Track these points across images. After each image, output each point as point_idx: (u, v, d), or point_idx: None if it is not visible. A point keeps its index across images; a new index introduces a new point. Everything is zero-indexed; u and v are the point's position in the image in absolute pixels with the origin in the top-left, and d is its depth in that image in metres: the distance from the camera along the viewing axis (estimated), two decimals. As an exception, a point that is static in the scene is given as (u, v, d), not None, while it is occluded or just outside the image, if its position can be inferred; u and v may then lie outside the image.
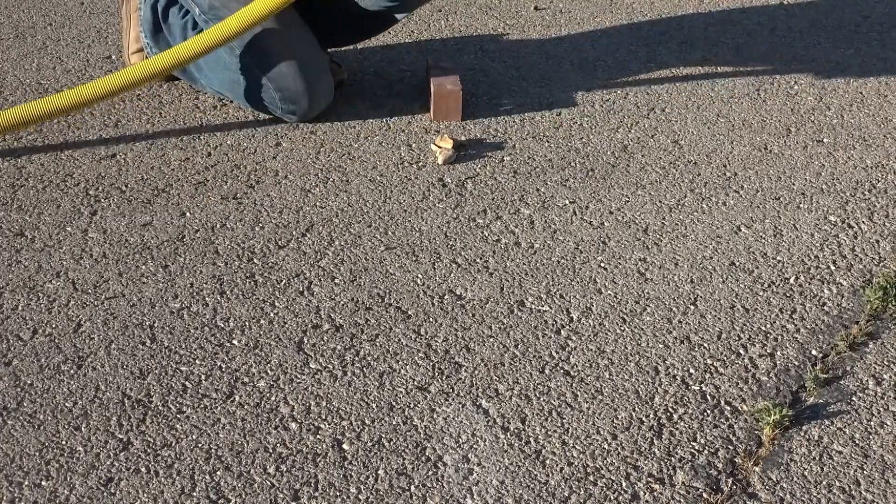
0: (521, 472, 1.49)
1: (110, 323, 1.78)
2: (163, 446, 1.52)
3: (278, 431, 1.55)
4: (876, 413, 1.62)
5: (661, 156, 2.37)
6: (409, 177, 2.26)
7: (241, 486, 1.46)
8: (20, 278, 1.89)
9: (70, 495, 1.43)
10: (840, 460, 1.53)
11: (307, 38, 2.44)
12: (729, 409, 1.62)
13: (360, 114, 2.52)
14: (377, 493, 1.45)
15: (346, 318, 1.80)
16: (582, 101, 2.62)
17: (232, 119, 2.48)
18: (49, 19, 3.07)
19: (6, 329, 1.76)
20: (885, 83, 2.76)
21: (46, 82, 2.65)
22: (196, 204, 2.13)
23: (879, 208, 2.18)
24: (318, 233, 2.05)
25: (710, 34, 3.07)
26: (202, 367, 1.68)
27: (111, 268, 1.92)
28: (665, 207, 2.17)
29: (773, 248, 2.04)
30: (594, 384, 1.66)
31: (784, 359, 1.73)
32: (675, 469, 1.50)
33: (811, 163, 2.36)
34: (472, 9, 3.22)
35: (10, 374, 1.65)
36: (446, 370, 1.69)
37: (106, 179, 2.21)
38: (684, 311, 1.84)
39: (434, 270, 1.94)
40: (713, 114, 2.58)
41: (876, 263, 1.99)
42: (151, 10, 2.47)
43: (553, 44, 2.98)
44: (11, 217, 2.07)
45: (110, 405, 1.59)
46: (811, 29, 3.12)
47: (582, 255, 2.00)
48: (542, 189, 2.22)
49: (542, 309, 1.84)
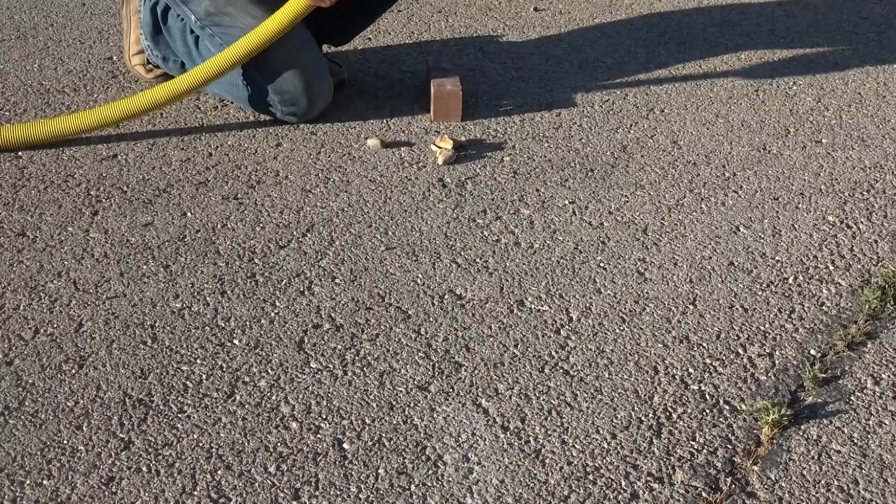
0: (520, 471, 1.50)
1: (111, 323, 1.78)
2: (164, 445, 1.53)
3: (279, 431, 1.56)
4: (874, 412, 1.63)
5: (660, 156, 2.38)
6: (409, 177, 2.26)
7: (242, 486, 1.46)
8: (22, 278, 1.89)
9: (71, 494, 1.44)
10: (838, 459, 1.53)
11: (306, 39, 2.44)
12: (728, 408, 1.63)
13: (360, 114, 2.53)
14: (377, 492, 1.46)
15: (347, 317, 1.81)
16: (581, 102, 2.63)
17: (233, 120, 2.49)
18: (50, 20, 3.08)
19: (8, 329, 1.76)
20: (883, 84, 2.77)
21: (48, 83, 2.65)
22: (197, 204, 2.14)
23: (878, 208, 2.18)
24: (319, 233, 2.05)
25: (709, 35, 3.08)
26: (203, 366, 1.69)
27: (112, 268, 1.93)
28: (664, 207, 2.17)
29: (772, 248, 2.04)
30: (593, 384, 1.67)
31: (783, 358, 1.74)
32: (675, 468, 1.51)
33: (810, 163, 2.36)
34: (472, 10, 3.23)
35: (12, 374, 1.66)
36: (446, 370, 1.69)
37: (107, 180, 2.22)
38: (683, 311, 1.85)
39: (434, 270, 1.95)
40: (712, 114, 2.58)
41: (874, 263, 2.00)
42: (151, 13, 2.48)
43: (552, 45, 2.98)
44: (13, 217, 2.08)
45: (111, 404, 1.60)
46: (810, 30, 3.13)
47: (581, 255, 2.00)
48: (542, 189, 2.23)
49: (541, 309, 1.85)
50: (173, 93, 2.29)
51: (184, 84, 2.29)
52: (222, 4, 2.36)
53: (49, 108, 2.52)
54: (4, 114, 2.49)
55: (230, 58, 2.28)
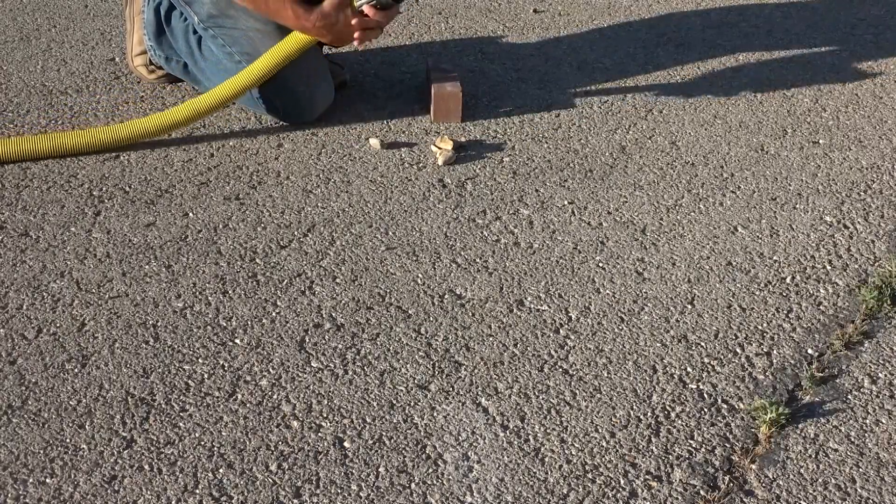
0: (520, 470, 1.51)
1: (114, 322, 1.79)
2: (166, 444, 1.54)
3: (280, 429, 1.57)
4: (871, 411, 1.64)
5: (658, 157, 2.39)
6: (409, 177, 2.27)
7: (244, 484, 1.47)
8: (25, 278, 1.90)
9: (74, 492, 1.45)
10: (836, 458, 1.54)
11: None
12: (726, 407, 1.64)
13: (361, 115, 2.54)
14: (378, 490, 1.47)
15: (348, 317, 1.82)
16: (580, 103, 2.64)
17: (234, 120, 2.50)
18: (53, 22, 3.09)
19: (11, 328, 1.77)
20: (880, 85, 2.78)
21: (51, 84, 2.66)
22: (199, 204, 2.15)
23: (875, 209, 2.20)
24: (320, 233, 2.06)
25: (708, 36, 3.09)
26: (205, 365, 1.70)
27: (115, 267, 1.94)
28: (663, 208, 2.18)
29: (770, 248, 2.05)
30: (592, 383, 1.68)
31: (780, 357, 1.75)
32: (673, 467, 1.52)
33: (807, 164, 2.37)
34: (471, 11, 3.24)
35: (15, 373, 1.67)
36: (446, 369, 1.70)
37: (110, 180, 2.23)
38: (682, 311, 1.86)
39: (434, 270, 1.96)
40: (710, 115, 2.59)
41: (871, 263, 2.01)
42: (154, 14, 2.49)
43: (552, 46, 2.99)
44: (16, 217, 2.09)
45: (114, 403, 1.61)
46: (807, 31, 3.14)
47: (580, 255, 2.01)
48: (541, 189, 2.24)
49: (540, 308, 1.86)
50: (178, 119, 2.31)
51: (184, 112, 2.31)
52: (224, 6, 2.37)
53: (52, 110, 2.53)
54: (7, 115, 2.50)
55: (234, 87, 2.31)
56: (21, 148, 2.25)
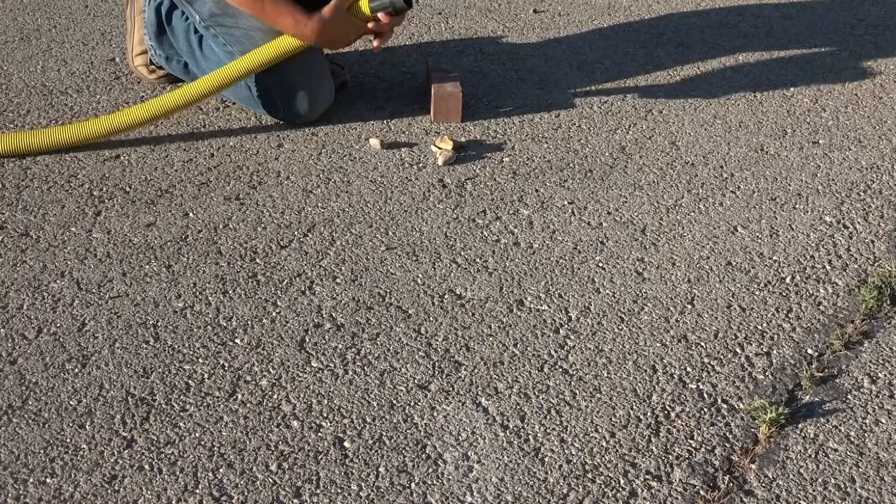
0: (520, 470, 1.51)
1: (114, 322, 1.79)
2: (166, 444, 1.54)
3: (280, 429, 1.57)
4: (871, 411, 1.64)
5: (658, 157, 2.39)
6: (409, 178, 2.27)
7: (244, 484, 1.47)
8: (25, 278, 1.90)
9: (74, 492, 1.45)
10: (835, 458, 1.54)
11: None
12: (726, 407, 1.64)
13: (361, 115, 2.54)
14: (378, 490, 1.47)
15: (348, 317, 1.82)
16: (580, 103, 2.64)
17: (234, 120, 2.50)
18: (54, 22, 3.09)
19: (11, 328, 1.77)
20: (879, 85, 2.78)
21: (51, 84, 2.67)
22: (199, 204, 2.15)
23: (874, 209, 2.20)
24: (320, 233, 2.06)
25: (707, 37, 3.09)
26: (205, 365, 1.70)
27: (115, 267, 1.94)
28: (662, 208, 2.19)
29: (770, 248, 2.05)
30: (592, 382, 1.68)
31: (780, 357, 1.75)
32: (673, 466, 1.52)
33: (807, 164, 2.38)
34: (471, 12, 3.24)
35: (16, 373, 1.67)
36: (446, 369, 1.70)
37: (110, 180, 2.23)
38: (682, 311, 1.86)
39: (434, 270, 1.96)
40: (710, 115, 2.60)
41: (871, 263, 2.01)
42: (155, 13, 2.49)
43: (552, 46, 2.99)
44: (17, 217, 2.09)
45: (114, 403, 1.61)
46: (807, 32, 3.14)
47: (580, 255, 2.02)
48: (541, 190, 2.24)
49: (540, 308, 1.86)
50: (168, 106, 2.30)
51: (177, 98, 2.30)
52: (226, 5, 2.37)
53: (52, 109, 2.53)
54: (8, 115, 2.51)
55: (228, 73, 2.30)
56: (13, 145, 2.26)
